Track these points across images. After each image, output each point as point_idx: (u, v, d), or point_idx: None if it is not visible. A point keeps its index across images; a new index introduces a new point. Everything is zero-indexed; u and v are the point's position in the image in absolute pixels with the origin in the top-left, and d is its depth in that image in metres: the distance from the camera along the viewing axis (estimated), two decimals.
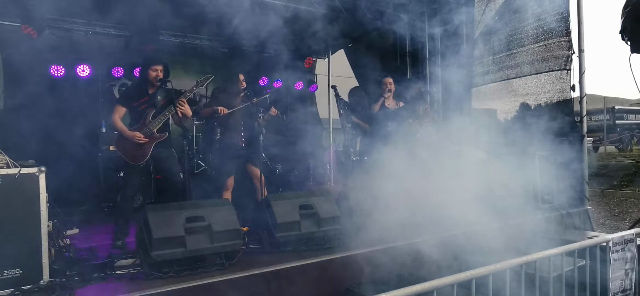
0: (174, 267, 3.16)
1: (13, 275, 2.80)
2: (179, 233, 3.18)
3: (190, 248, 3.20)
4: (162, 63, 4.36)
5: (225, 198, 4.55)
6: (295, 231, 3.82)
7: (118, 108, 4.32)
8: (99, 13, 7.26)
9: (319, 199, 4.05)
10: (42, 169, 2.95)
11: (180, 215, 3.27)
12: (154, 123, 4.25)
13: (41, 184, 2.94)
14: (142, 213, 3.30)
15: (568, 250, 3.20)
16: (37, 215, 2.91)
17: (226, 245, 3.36)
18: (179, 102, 4.21)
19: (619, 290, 3.73)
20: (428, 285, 2.36)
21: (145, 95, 4.33)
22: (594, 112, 18.41)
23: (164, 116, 4.29)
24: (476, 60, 7.48)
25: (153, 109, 4.30)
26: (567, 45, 6.15)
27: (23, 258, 2.84)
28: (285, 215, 3.79)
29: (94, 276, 3.17)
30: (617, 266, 3.65)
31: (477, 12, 7.42)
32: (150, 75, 4.27)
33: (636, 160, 12.68)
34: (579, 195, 6.09)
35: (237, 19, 7.99)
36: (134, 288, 2.89)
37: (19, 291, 2.79)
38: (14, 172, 2.85)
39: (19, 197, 2.86)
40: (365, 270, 3.69)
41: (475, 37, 7.45)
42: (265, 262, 3.44)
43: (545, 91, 6.53)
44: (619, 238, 3.65)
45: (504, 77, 7.05)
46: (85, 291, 2.93)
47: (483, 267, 2.64)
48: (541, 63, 6.51)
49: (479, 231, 4.67)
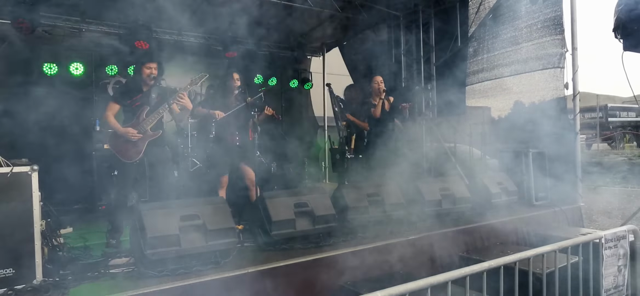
0: (169, 266, 3.15)
1: (6, 275, 2.78)
2: (174, 232, 3.17)
3: (185, 246, 3.19)
4: (156, 61, 4.33)
5: (219, 197, 4.54)
6: (290, 229, 3.82)
7: (112, 106, 4.29)
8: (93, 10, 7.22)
9: (314, 197, 4.05)
10: (35, 168, 2.93)
11: (174, 214, 3.26)
12: (148, 121, 4.23)
13: (34, 183, 2.91)
14: (137, 211, 3.28)
15: (561, 246, 3.22)
16: (30, 214, 2.89)
17: (221, 243, 3.36)
18: (179, 94, 4.20)
19: (611, 287, 3.76)
20: (423, 283, 2.36)
21: (139, 93, 4.31)
22: (587, 109, 18.54)
23: (158, 113, 4.26)
24: (470, 59, 7.51)
25: (147, 107, 4.28)
26: (560, 43, 6.19)
27: (16, 257, 2.82)
28: (280, 213, 3.79)
29: (88, 275, 3.16)
30: (609, 263, 3.68)
31: (471, 10, 7.45)
32: (144, 73, 4.25)
33: (628, 157, 12.79)
34: (572, 191, 6.13)
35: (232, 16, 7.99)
36: (128, 287, 2.88)
37: (12, 290, 2.77)
38: (6, 171, 2.83)
39: (11, 195, 2.84)
40: (359, 268, 3.70)
41: (470, 35, 7.48)
42: (260, 260, 3.45)
43: (539, 89, 6.56)
44: (611, 235, 3.68)
45: (498, 75, 7.08)
46: (79, 291, 2.91)
47: (477, 264, 2.65)
48: (535, 61, 6.55)
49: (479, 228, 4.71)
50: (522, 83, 6.79)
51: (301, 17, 8.22)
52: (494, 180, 5.56)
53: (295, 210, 3.86)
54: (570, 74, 6.01)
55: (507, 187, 5.57)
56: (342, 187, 4.56)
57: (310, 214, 3.93)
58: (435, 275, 2.49)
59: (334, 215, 4.07)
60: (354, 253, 3.76)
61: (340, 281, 3.45)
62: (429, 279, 2.42)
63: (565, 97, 6.19)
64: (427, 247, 4.22)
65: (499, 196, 5.42)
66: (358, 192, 4.46)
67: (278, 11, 7.79)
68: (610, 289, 3.74)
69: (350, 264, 3.68)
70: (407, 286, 2.26)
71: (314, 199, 4.01)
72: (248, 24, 8.30)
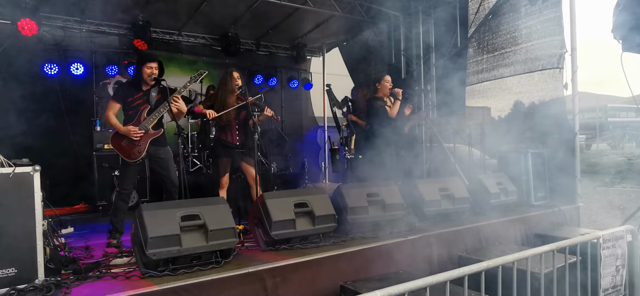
0: (170, 265, 3.17)
1: (8, 275, 2.79)
2: (175, 232, 3.19)
3: (186, 246, 3.21)
4: (157, 60, 4.35)
5: (220, 197, 4.56)
6: (291, 229, 3.83)
7: (112, 105, 4.30)
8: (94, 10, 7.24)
9: (314, 197, 4.06)
10: (37, 168, 2.94)
11: (175, 214, 3.28)
12: (149, 120, 4.25)
13: (36, 183, 2.93)
14: (138, 211, 3.30)
15: (559, 246, 3.24)
16: (32, 214, 2.90)
17: (221, 243, 3.37)
18: (173, 97, 4.21)
19: (609, 286, 3.79)
20: (421, 282, 2.38)
21: (139, 92, 4.33)
22: (586, 109, 18.55)
23: (159, 113, 4.28)
24: (470, 59, 7.53)
25: (148, 106, 4.30)
26: (559, 44, 6.21)
27: (18, 257, 2.83)
28: (280, 213, 3.80)
29: (90, 275, 3.18)
30: (607, 263, 3.70)
31: (471, 10, 7.46)
32: (145, 73, 4.26)
33: (628, 157, 12.80)
34: (571, 192, 6.15)
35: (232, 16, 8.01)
36: (130, 287, 2.90)
37: (14, 290, 2.78)
38: (8, 171, 2.85)
39: (13, 196, 2.85)
40: (359, 268, 3.72)
41: (469, 36, 7.50)
42: (260, 260, 3.46)
43: (539, 89, 6.58)
44: (609, 235, 3.70)
45: (498, 75, 7.10)
46: (81, 290, 2.93)
47: (475, 264, 2.67)
48: (535, 61, 6.57)
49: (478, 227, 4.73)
50: (522, 83, 6.82)
51: (301, 17, 8.23)
52: (494, 180, 5.57)
53: (295, 210, 3.87)
54: (570, 75, 6.03)
55: (506, 187, 5.59)
56: (342, 186, 4.57)
57: (310, 214, 3.95)
58: (434, 275, 2.51)
59: (334, 215, 4.08)
60: (354, 253, 3.78)
61: (340, 281, 3.47)
62: (427, 279, 2.45)
63: (564, 97, 6.21)
64: (427, 247, 4.24)
65: (498, 196, 5.43)
66: (358, 191, 4.47)
67: (278, 11, 7.81)
68: (608, 289, 3.76)
69: (351, 264, 3.70)
70: (406, 286, 2.28)
71: (314, 199, 4.03)
72: (248, 24, 8.35)
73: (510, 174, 5.94)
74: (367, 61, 9.14)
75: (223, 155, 4.85)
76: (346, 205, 4.31)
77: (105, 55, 8.05)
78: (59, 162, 7.02)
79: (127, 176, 4.31)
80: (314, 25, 8.80)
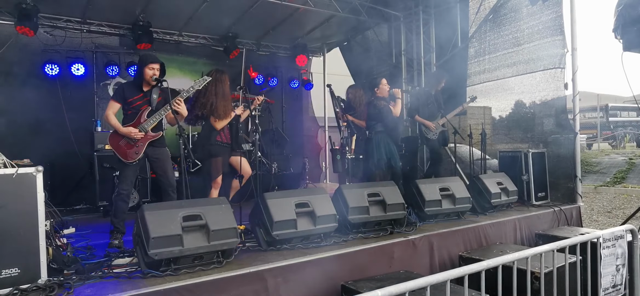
0: (172, 265, 3.18)
1: (11, 275, 2.81)
2: (177, 232, 3.20)
3: (188, 246, 3.22)
4: (160, 62, 4.36)
5: (222, 197, 4.57)
6: (292, 229, 3.85)
7: (112, 105, 4.30)
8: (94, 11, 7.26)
9: (315, 197, 4.07)
10: (39, 169, 2.96)
11: (177, 214, 3.29)
12: (149, 122, 4.25)
13: (38, 184, 2.94)
14: (139, 211, 3.31)
15: (559, 246, 3.25)
16: (35, 215, 2.92)
17: (223, 243, 3.39)
18: (175, 101, 4.20)
19: (610, 286, 3.80)
20: (422, 282, 2.40)
21: (140, 93, 4.33)
22: (587, 109, 18.54)
23: (159, 115, 4.28)
24: (471, 59, 7.53)
25: (148, 107, 4.30)
26: (560, 44, 6.21)
27: (21, 257, 2.85)
28: (281, 213, 3.81)
29: (92, 275, 3.19)
30: (607, 262, 3.71)
31: (471, 10, 7.47)
32: (146, 74, 4.25)
33: (629, 157, 12.79)
34: (571, 191, 6.16)
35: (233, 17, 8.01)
36: (132, 287, 2.91)
37: (17, 290, 2.80)
38: (11, 172, 2.86)
39: (16, 196, 2.87)
40: (360, 268, 3.73)
41: (470, 36, 7.50)
42: (261, 260, 3.48)
43: (540, 89, 6.59)
44: (609, 234, 3.71)
45: (501, 76, 7.11)
46: (83, 290, 2.94)
47: (476, 264, 2.69)
48: (536, 62, 6.57)
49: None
50: (523, 83, 6.82)
51: (302, 17, 8.24)
52: (494, 180, 5.58)
53: (296, 210, 3.89)
54: (571, 74, 6.03)
55: (507, 187, 5.60)
56: (343, 187, 4.58)
57: (311, 214, 3.96)
58: (435, 274, 2.52)
59: (335, 215, 4.09)
60: (355, 253, 3.79)
61: (341, 281, 3.48)
62: (428, 278, 2.46)
63: (565, 97, 6.22)
64: (427, 247, 4.25)
65: (498, 196, 5.45)
66: (358, 191, 4.48)
67: (278, 11, 7.82)
68: (608, 288, 3.77)
69: (352, 264, 3.71)
70: (407, 285, 2.29)
71: (315, 199, 4.04)
72: (248, 25, 8.35)
73: (511, 174, 5.96)
74: (368, 61, 9.15)
75: (219, 155, 4.87)
76: (347, 205, 4.31)
77: (106, 55, 8.07)
78: (60, 163, 7.04)
79: (125, 177, 4.30)
80: (315, 25, 8.81)
